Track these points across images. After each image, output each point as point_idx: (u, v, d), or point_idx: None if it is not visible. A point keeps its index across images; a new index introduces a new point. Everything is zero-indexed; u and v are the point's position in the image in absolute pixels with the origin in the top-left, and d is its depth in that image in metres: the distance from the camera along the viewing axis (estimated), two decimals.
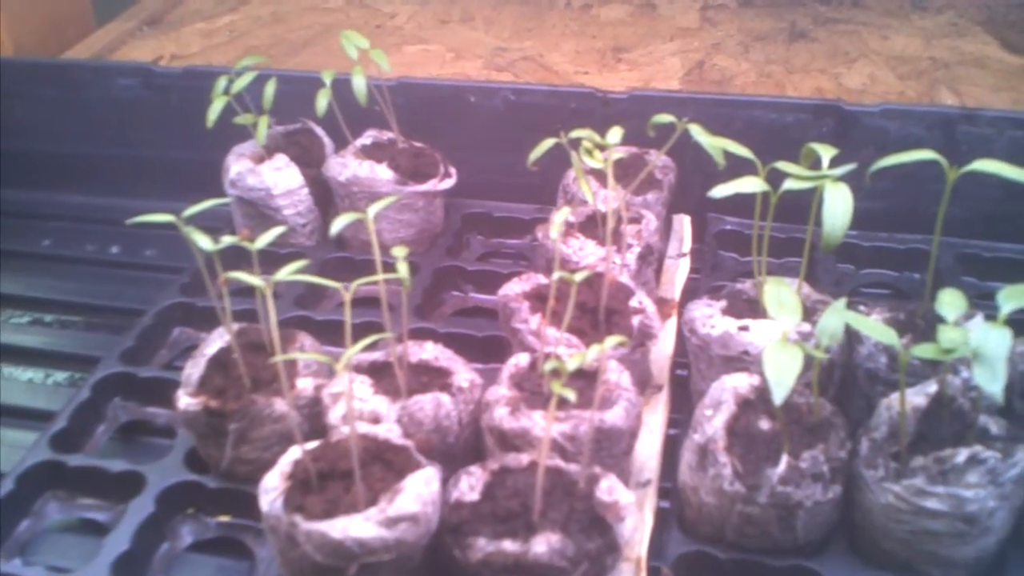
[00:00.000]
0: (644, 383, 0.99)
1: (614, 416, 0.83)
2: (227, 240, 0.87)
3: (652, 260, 1.05)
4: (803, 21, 1.91)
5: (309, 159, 1.24)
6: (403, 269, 0.85)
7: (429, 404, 0.86)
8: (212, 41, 1.94)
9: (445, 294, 1.20)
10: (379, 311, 1.13)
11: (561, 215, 0.85)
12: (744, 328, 0.91)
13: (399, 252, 0.87)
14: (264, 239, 0.88)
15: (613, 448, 0.84)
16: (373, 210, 0.86)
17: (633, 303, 0.96)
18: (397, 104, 1.25)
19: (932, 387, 0.85)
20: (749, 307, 0.96)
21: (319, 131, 1.27)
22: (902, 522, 0.80)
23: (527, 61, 1.79)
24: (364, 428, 0.83)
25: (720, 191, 0.88)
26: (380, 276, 0.85)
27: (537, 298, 0.97)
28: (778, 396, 0.72)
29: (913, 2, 1.98)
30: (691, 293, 1.14)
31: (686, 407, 0.99)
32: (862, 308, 0.96)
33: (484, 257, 1.27)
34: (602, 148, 0.98)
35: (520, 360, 0.91)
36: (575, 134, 0.99)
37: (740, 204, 1.12)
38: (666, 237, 1.22)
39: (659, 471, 0.92)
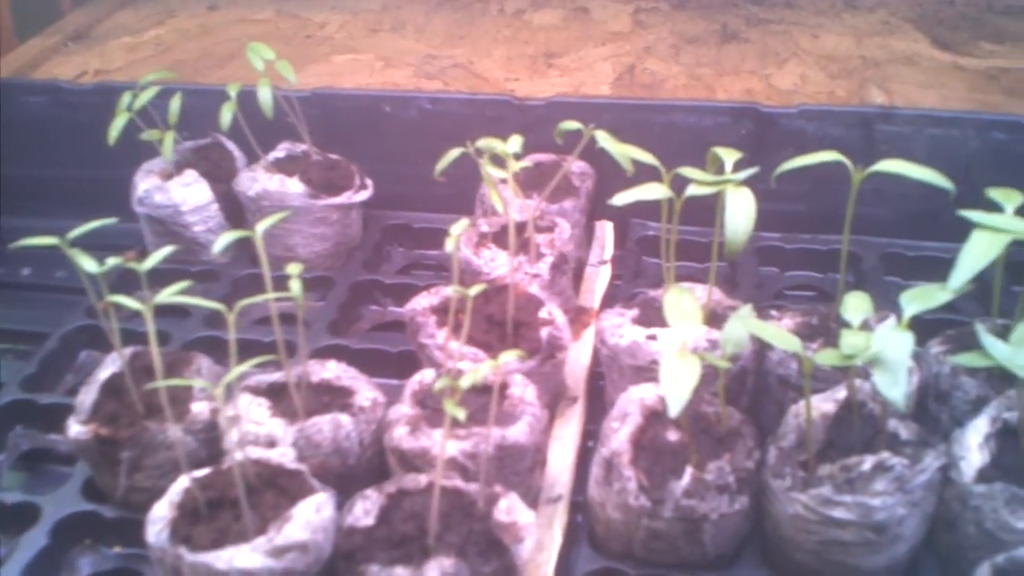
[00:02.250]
0: (558, 395, 0.97)
1: (517, 432, 0.81)
2: (112, 262, 0.83)
3: (567, 269, 1.03)
4: (735, 22, 1.90)
5: (220, 174, 1.21)
6: (296, 287, 0.82)
7: (327, 425, 0.83)
8: (137, 55, 1.90)
9: (363, 308, 1.17)
10: (293, 328, 1.11)
11: (458, 227, 0.82)
12: (652, 337, 0.89)
13: (293, 269, 0.84)
14: (152, 259, 0.84)
15: (517, 465, 0.81)
16: (261, 227, 0.83)
17: (542, 314, 0.93)
18: (312, 115, 1.23)
19: (841, 392, 0.84)
20: (661, 315, 0.93)
21: (230, 145, 1.24)
22: (811, 532, 0.78)
23: (457, 68, 1.76)
24: (256, 453, 0.80)
25: (621, 198, 0.86)
26: (270, 295, 0.82)
27: (445, 312, 0.94)
28: (673, 409, 0.70)
29: (845, 1, 1.98)
30: (612, 301, 1.12)
31: (604, 418, 0.96)
32: (773, 313, 0.95)
33: (405, 269, 1.25)
34: (516, 157, 0.96)
35: (424, 376, 0.88)
36: (481, 143, 0.97)
37: (662, 209, 1.10)
38: (587, 244, 1.20)
39: (571, 485, 0.89)
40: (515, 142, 0.92)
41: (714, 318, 0.93)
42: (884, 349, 0.72)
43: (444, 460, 0.74)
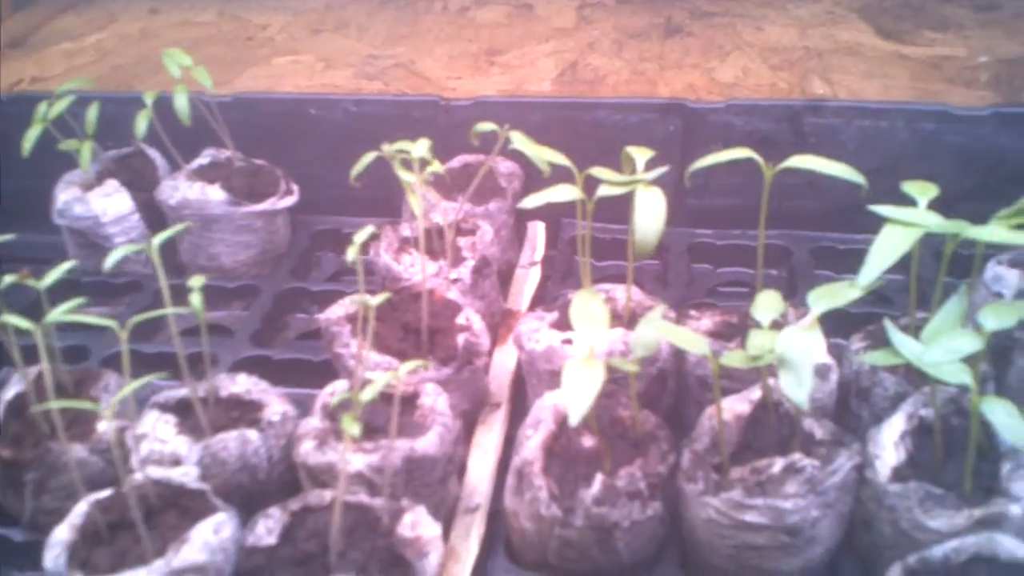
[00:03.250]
0: (481, 401, 0.95)
1: (426, 444, 0.79)
2: (8, 279, 0.81)
3: (489, 272, 1.01)
4: (680, 16, 1.89)
5: (142, 183, 1.19)
6: (196, 300, 0.80)
7: (234, 442, 0.81)
8: (76, 62, 1.87)
9: (289, 317, 1.15)
10: (218, 340, 1.09)
11: (362, 234, 0.81)
12: (568, 341, 0.88)
13: (195, 282, 0.82)
14: (51, 276, 0.82)
15: (427, 477, 0.80)
16: (157, 240, 0.81)
17: (460, 320, 0.92)
18: (237, 121, 1.21)
19: (756, 393, 0.83)
20: None
21: (152, 153, 1.22)
22: (725, 537, 0.76)
23: (398, 68, 1.74)
24: (157, 473, 0.78)
25: (531, 200, 0.85)
26: (170, 310, 0.80)
27: (363, 320, 0.92)
28: (574, 417, 0.68)
29: None
30: (542, 302, 1.11)
31: None
32: (693, 313, 0.93)
33: (335, 276, 1.23)
34: (425, 161, 0.94)
35: (336, 388, 0.86)
36: (399, 146, 0.95)
37: (597, 207, 1.09)
38: (518, 245, 1.19)
39: (491, 494, 0.88)
40: (423, 145, 0.91)
41: (634, 320, 0.92)
42: (789, 350, 0.71)
43: (347, 475, 0.73)
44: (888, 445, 0.79)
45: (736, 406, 0.82)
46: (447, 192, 1.12)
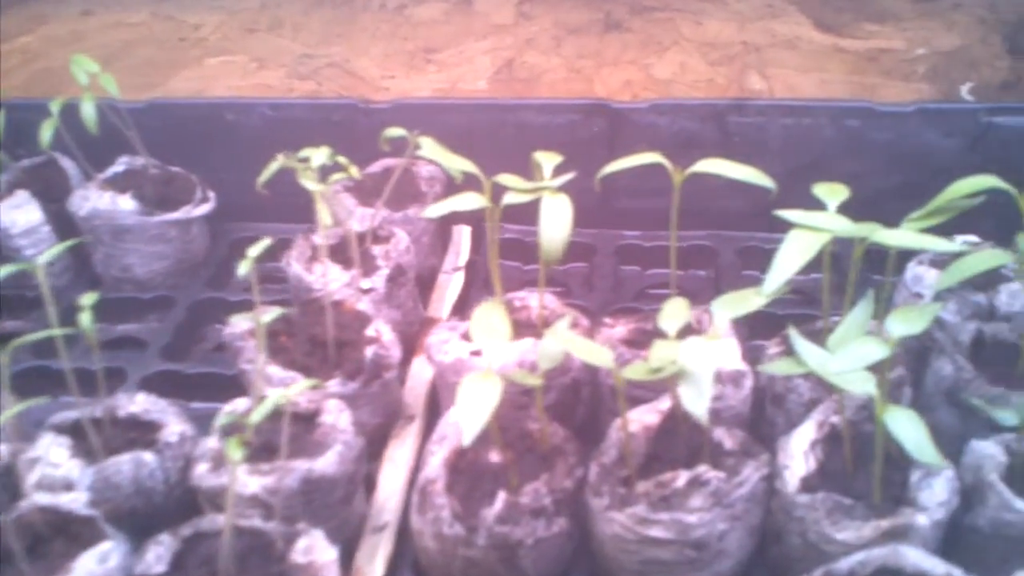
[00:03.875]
0: (394, 415, 0.93)
1: (325, 464, 0.77)
2: None
3: (405, 281, 0.99)
4: (619, 11, 1.87)
5: (54, 194, 1.15)
6: (86, 320, 0.77)
7: (127, 465, 0.78)
8: (3, 66, 1.83)
9: (206, 328, 1.12)
10: (125, 355, 1.06)
11: (258, 247, 0.78)
12: (476, 353, 0.85)
13: (87, 300, 0.79)
14: None
15: (326, 498, 0.77)
16: (43, 258, 0.78)
17: (369, 332, 0.89)
18: (153, 127, 1.17)
19: (666, 403, 0.81)
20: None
21: (65, 163, 1.18)
22: (631, 552, 0.75)
23: (332, 68, 1.71)
24: (44, 499, 0.75)
25: (435, 210, 0.82)
26: (54, 332, 0.77)
27: (268, 334, 0.90)
28: (467, 436, 0.66)
29: None
30: (466, 309, 1.09)
31: None
32: (607, 320, 0.92)
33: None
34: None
35: (237, 406, 0.84)
36: (303, 153, 0.93)
37: (522, 209, 1.07)
38: (442, 251, 1.16)
39: (401, 511, 0.85)
40: (322, 153, 0.88)
41: (548, 328, 0.89)
42: (690, 361, 0.69)
43: (236, 498, 0.70)
44: (797, 454, 0.77)
45: (645, 417, 0.80)
46: (367, 198, 1.09)
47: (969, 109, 1.11)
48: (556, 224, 0.79)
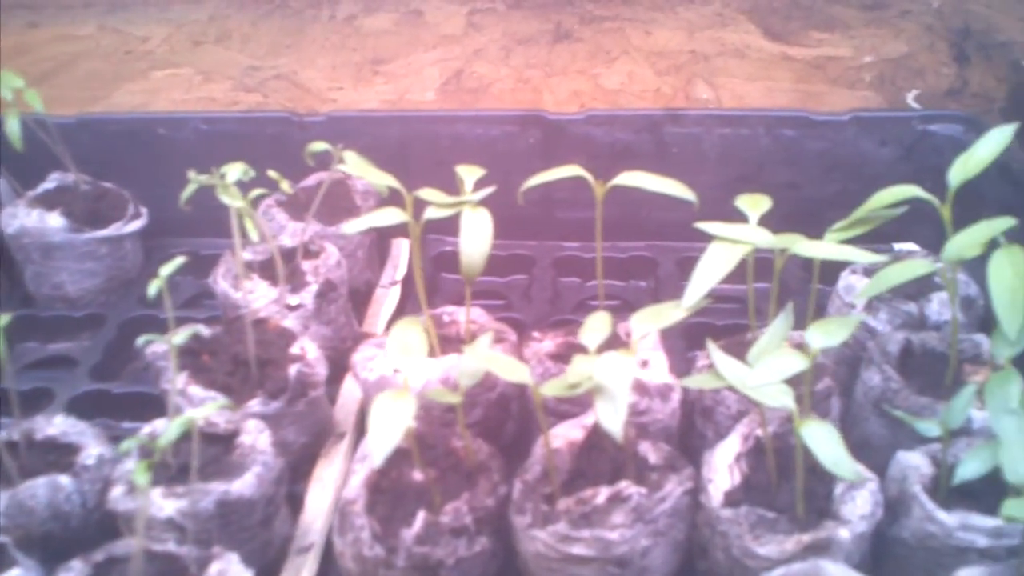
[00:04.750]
0: (323, 433, 0.92)
1: (242, 486, 0.75)
2: None
3: (336, 296, 0.98)
4: (569, 21, 1.87)
5: None
6: None
7: (43, 489, 0.77)
8: None
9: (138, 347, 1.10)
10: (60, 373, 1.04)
11: (170, 266, 0.76)
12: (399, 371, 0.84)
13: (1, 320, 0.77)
14: None
15: (244, 521, 0.76)
16: None
17: (294, 350, 0.88)
18: (84, 143, 1.16)
19: (591, 418, 0.80)
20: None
21: None
22: (554, 570, 0.74)
23: (279, 80, 1.70)
24: None
25: (352, 226, 0.81)
26: None
27: (191, 354, 0.88)
28: (377, 456, 0.65)
29: None
30: None
31: None
32: (535, 335, 0.91)
33: (192, 301, 1.18)
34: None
35: (156, 427, 0.82)
36: (226, 169, 0.91)
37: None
38: (380, 265, 1.15)
39: (327, 532, 0.84)
40: (237, 169, 0.87)
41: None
42: (605, 377, 0.68)
43: (147, 522, 0.69)
44: (721, 468, 0.77)
45: (570, 432, 0.79)
46: (301, 212, 1.08)
47: (904, 117, 1.11)
48: (476, 239, 0.78)
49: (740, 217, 0.88)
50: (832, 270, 0.94)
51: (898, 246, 1.13)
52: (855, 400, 0.88)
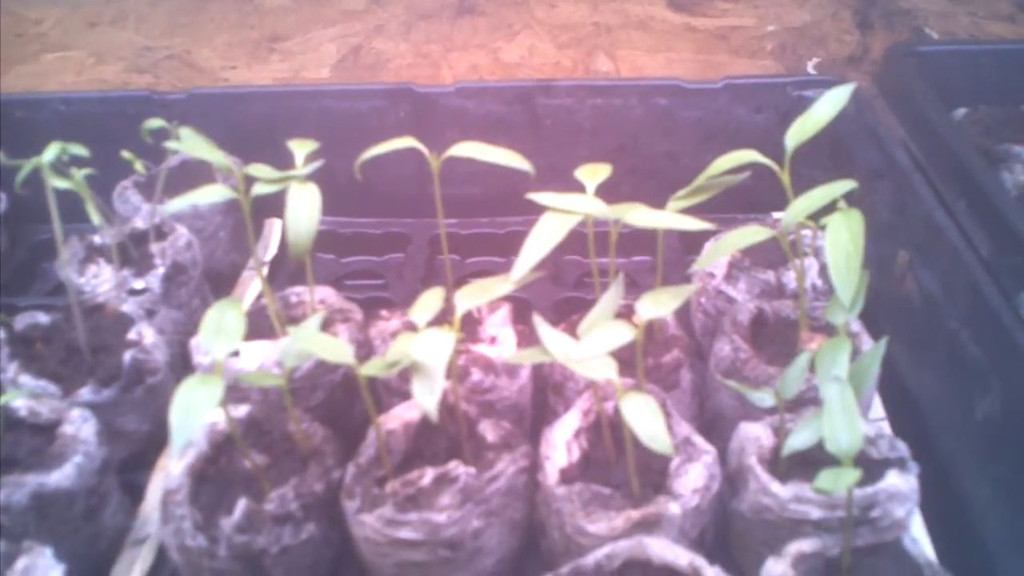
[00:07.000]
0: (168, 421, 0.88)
1: (60, 477, 0.72)
2: None
3: (187, 280, 0.94)
4: None
5: None
6: None
7: None
8: None
9: None
10: None
11: None
12: (236, 353, 0.81)
13: None
14: None
15: (64, 513, 0.73)
16: None
17: (131, 336, 0.85)
18: None
19: None
20: (269, 325, 0.86)
21: None
22: (385, 555, 0.71)
23: (172, 60, 1.65)
24: None
25: (175, 205, 0.78)
26: None
27: (24, 343, 0.85)
28: (178, 444, 0.62)
29: None
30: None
31: None
32: (383, 313, 0.88)
33: (58, 289, 1.14)
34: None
35: None
36: (49, 149, 0.87)
37: (341, 200, 1.02)
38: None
39: None
40: (53, 149, 0.83)
41: (328, 323, 0.86)
42: (421, 354, 0.66)
43: None
44: (559, 444, 0.75)
45: (406, 413, 0.77)
46: (151, 195, 1.04)
47: (778, 83, 1.09)
48: (302, 215, 0.75)
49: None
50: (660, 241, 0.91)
51: (776, 215, 1.11)
52: (709, 371, 0.87)
